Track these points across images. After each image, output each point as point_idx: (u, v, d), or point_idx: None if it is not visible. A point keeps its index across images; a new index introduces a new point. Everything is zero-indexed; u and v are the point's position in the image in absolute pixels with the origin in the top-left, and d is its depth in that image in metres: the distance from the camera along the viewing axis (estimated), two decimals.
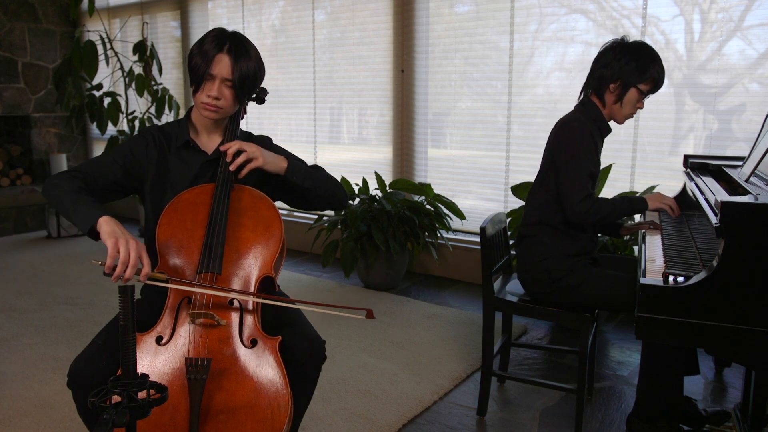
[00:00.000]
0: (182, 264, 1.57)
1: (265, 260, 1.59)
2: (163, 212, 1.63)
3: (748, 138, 3.01)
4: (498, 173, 3.86)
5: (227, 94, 1.65)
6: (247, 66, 1.65)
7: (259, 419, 1.41)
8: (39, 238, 5.30)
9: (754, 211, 1.42)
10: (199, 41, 1.66)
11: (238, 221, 1.62)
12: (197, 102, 1.67)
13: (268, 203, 1.67)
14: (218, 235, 1.56)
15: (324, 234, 4.05)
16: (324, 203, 1.80)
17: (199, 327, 1.49)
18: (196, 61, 1.63)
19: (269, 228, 1.63)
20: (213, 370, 1.43)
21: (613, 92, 2.12)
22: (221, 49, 1.62)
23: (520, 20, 3.62)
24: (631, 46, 2.10)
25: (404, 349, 2.88)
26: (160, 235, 1.59)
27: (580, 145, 2.08)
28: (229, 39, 1.65)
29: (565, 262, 2.13)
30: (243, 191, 1.68)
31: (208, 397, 1.41)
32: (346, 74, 4.48)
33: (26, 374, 2.62)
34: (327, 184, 1.78)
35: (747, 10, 3.00)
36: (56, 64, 5.88)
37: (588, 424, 2.25)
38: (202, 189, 1.66)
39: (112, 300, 3.55)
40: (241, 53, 1.65)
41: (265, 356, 1.47)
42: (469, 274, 3.99)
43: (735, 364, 2.68)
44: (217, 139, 1.77)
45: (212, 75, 1.62)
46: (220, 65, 1.62)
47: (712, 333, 1.47)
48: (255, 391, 1.43)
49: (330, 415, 2.28)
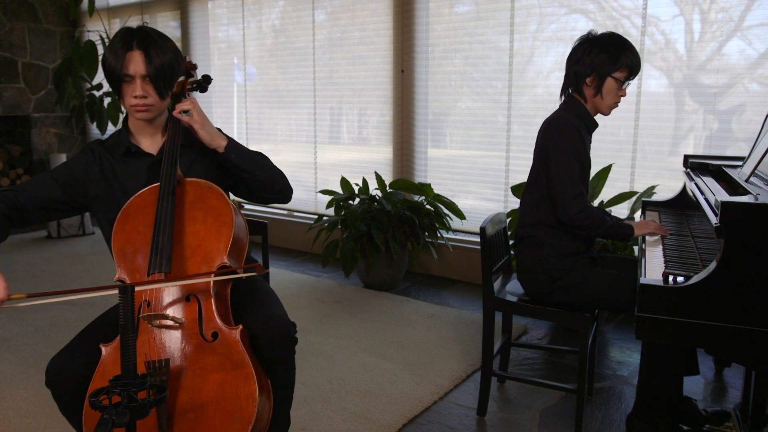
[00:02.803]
0: (136, 269, 1.54)
1: (218, 250, 1.55)
2: (116, 220, 1.61)
3: (748, 138, 3.01)
4: (498, 173, 3.86)
5: (150, 90, 1.62)
6: (160, 59, 1.61)
7: (227, 412, 1.40)
8: (39, 238, 5.30)
9: (754, 211, 1.42)
10: (108, 46, 1.63)
11: (186, 215, 1.59)
12: (127, 107, 1.65)
13: (217, 192, 1.64)
14: (164, 234, 1.53)
15: (324, 234, 4.04)
16: (265, 192, 1.77)
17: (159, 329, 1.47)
18: (110, 64, 1.59)
19: (219, 217, 1.59)
20: (173, 370, 1.42)
21: (591, 85, 2.12)
22: (130, 47, 1.59)
23: (520, 20, 3.62)
24: (600, 38, 2.11)
25: (404, 349, 2.88)
26: (114, 244, 1.58)
27: (567, 143, 2.07)
28: (136, 35, 1.61)
29: (564, 262, 2.13)
30: (189, 184, 1.65)
31: (172, 397, 1.40)
32: (346, 74, 4.48)
33: (26, 374, 2.62)
34: (268, 171, 1.75)
35: (747, 10, 3.00)
36: (56, 64, 5.89)
37: (588, 424, 2.25)
38: (150, 190, 1.64)
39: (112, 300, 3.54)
40: (151, 46, 1.60)
41: (227, 348, 1.45)
42: (469, 274, 3.99)
43: (735, 364, 2.68)
44: (160, 140, 1.75)
45: (129, 75, 1.59)
46: (133, 63, 1.58)
47: (712, 333, 1.47)
48: (220, 385, 1.42)
49: (330, 415, 2.28)
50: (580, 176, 2.08)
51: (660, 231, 2.09)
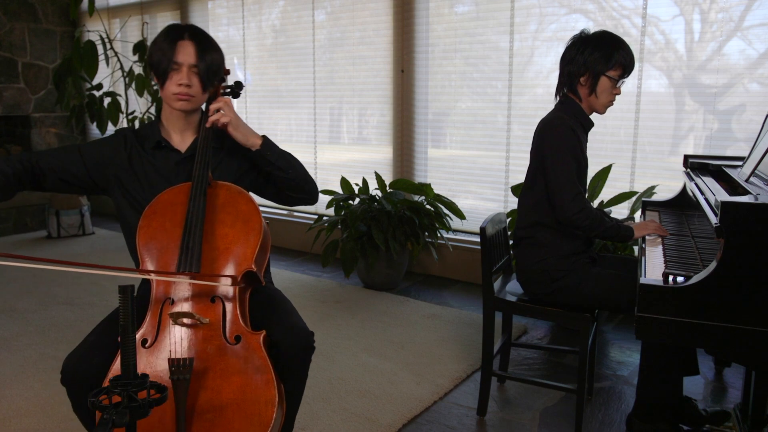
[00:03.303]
0: (163, 265, 1.56)
1: (245, 255, 1.57)
2: (143, 215, 1.62)
3: (748, 138, 3.01)
4: (498, 173, 3.86)
5: (196, 81, 1.64)
6: (210, 54, 1.65)
7: (247, 415, 1.41)
8: (39, 238, 5.30)
9: (754, 211, 1.42)
10: (155, 40, 1.65)
11: (216, 218, 1.61)
12: (167, 95, 1.66)
13: (247, 198, 1.66)
14: (195, 234, 1.55)
15: (324, 234, 4.05)
16: (295, 191, 1.79)
17: (182, 327, 1.48)
18: (158, 55, 1.61)
19: (248, 222, 1.61)
20: (196, 370, 1.43)
21: (585, 85, 2.11)
22: (182, 37, 1.62)
23: (520, 20, 3.62)
24: (592, 37, 2.10)
25: (404, 349, 2.88)
26: (140, 239, 1.58)
27: (563, 143, 2.06)
28: (187, 29, 1.64)
29: (563, 262, 2.13)
30: (220, 187, 1.67)
31: (193, 396, 1.41)
32: (346, 74, 4.48)
33: (26, 374, 2.62)
34: (300, 171, 1.77)
35: (747, 10, 3.00)
36: (56, 64, 5.89)
37: (588, 424, 2.25)
38: (179, 189, 1.65)
39: (112, 300, 3.55)
40: (203, 40, 1.64)
41: (249, 352, 1.47)
42: (469, 274, 3.99)
43: (735, 364, 2.68)
44: (190, 137, 1.76)
45: (178, 63, 1.61)
46: (183, 52, 1.61)
47: (712, 333, 1.47)
48: (241, 388, 1.43)
49: (330, 415, 2.28)
50: (577, 176, 2.08)
51: (660, 231, 2.08)
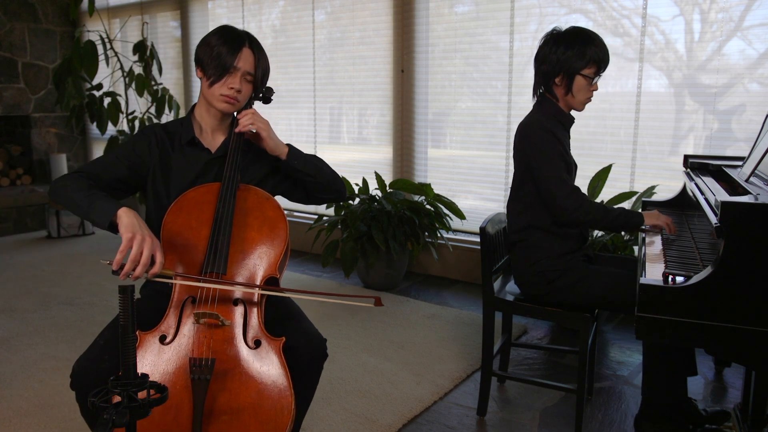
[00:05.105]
0: (187, 263, 1.57)
1: (270, 261, 1.59)
2: (169, 210, 1.63)
3: (748, 138, 3.01)
4: (498, 173, 3.86)
5: (246, 88, 1.70)
6: (265, 64, 1.72)
7: (263, 420, 1.41)
8: (39, 238, 5.30)
9: (754, 211, 1.42)
10: (217, 34, 1.68)
11: (243, 221, 1.63)
12: (215, 94, 1.68)
13: (274, 204, 1.67)
14: (224, 235, 1.56)
15: (324, 234, 4.04)
16: (325, 193, 1.82)
17: (203, 327, 1.49)
18: (220, 51, 1.64)
19: (275, 229, 1.63)
20: (217, 371, 1.43)
21: (560, 85, 2.07)
22: (244, 43, 1.67)
23: (520, 20, 3.62)
24: (564, 34, 2.05)
25: (404, 349, 2.88)
26: (165, 233, 1.59)
27: (544, 143, 2.04)
28: (247, 36, 1.70)
29: (558, 262, 2.12)
30: (249, 191, 1.68)
31: (211, 397, 1.41)
32: (346, 74, 4.48)
33: (26, 374, 2.62)
34: (327, 172, 1.81)
35: (747, 10, 3.00)
36: (56, 64, 5.89)
37: (588, 424, 2.25)
38: (208, 188, 1.67)
39: (112, 300, 3.55)
40: (259, 50, 1.71)
41: (268, 357, 1.47)
42: (469, 274, 3.99)
43: (735, 364, 2.68)
44: (220, 138, 1.78)
45: (237, 68, 1.66)
46: (244, 59, 1.66)
47: (712, 333, 1.47)
48: (258, 393, 1.43)
49: (330, 415, 2.28)
50: (566, 172, 2.05)
51: (669, 226, 2.04)
